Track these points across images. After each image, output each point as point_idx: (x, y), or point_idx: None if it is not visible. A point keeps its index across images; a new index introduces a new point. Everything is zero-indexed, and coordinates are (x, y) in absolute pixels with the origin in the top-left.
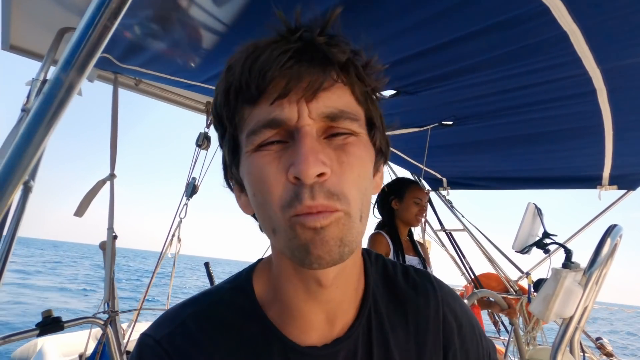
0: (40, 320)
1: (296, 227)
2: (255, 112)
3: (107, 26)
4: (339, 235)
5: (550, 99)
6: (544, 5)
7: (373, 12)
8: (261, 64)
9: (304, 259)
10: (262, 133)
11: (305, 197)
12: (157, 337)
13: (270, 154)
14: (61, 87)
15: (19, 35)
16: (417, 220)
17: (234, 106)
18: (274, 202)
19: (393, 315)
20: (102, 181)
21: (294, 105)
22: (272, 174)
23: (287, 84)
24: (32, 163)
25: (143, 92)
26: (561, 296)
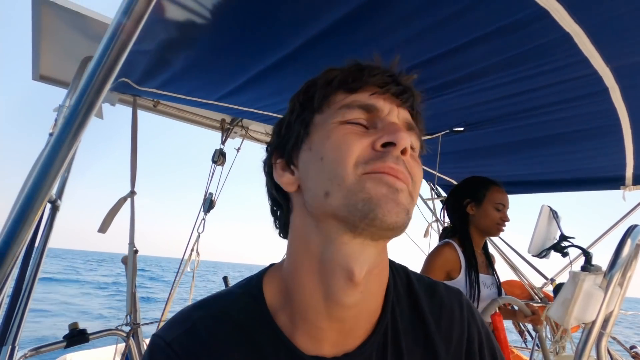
0: (67, 332)
1: (367, 181)
2: (352, 96)
3: (120, 54)
4: (407, 206)
5: (562, 100)
6: (543, 8)
7: (376, 24)
8: (368, 67)
9: (370, 211)
10: (355, 110)
11: (389, 160)
12: (168, 340)
13: (355, 128)
14: (80, 111)
15: (47, 65)
16: (498, 230)
17: (330, 91)
18: (349, 158)
19: (413, 335)
20: (123, 198)
21: (388, 103)
22: (356, 139)
23: (387, 88)
24: (56, 181)
25: (161, 112)
26: (580, 300)
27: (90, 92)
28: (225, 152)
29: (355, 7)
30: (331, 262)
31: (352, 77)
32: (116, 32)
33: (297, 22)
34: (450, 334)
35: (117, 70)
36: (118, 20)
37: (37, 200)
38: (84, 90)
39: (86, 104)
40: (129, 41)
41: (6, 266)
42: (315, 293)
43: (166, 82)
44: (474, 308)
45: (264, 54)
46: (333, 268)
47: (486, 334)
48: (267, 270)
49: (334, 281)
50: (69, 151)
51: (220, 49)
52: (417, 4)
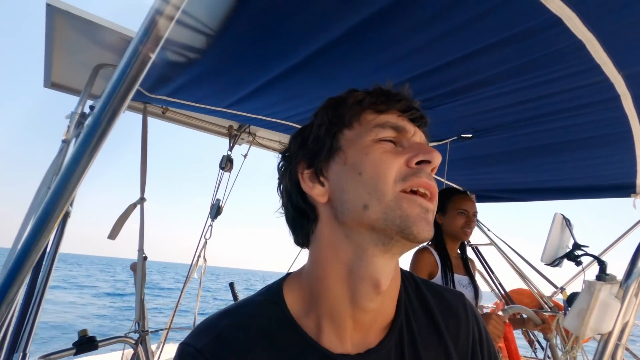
0: (76, 339)
1: (404, 200)
2: (383, 117)
3: (143, 65)
4: (432, 222)
5: (572, 107)
6: (556, 16)
7: (386, 33)
8: (395, 93)
9: (406, 228)
10: (387, 129)
11: (423, 176)
12: (198, 347)
13: (389, 146)
14: (102, 120)
15: (59, 73)
16: (464, 233)
17: (360, 110)
18: (390, 174)
19: (425, 333)
20: (133, 205)
21: (411, 124)
22: (392, 157)
23: (409, 109)
24: (76, 190)
25: (170, 119)
26: (597, 310)
27: (113, 102)
28: (233, 159)
29: (365, 16)
30: (360, 272)
31: (381, 99)
32: (141, 42)
33: (306, 32)
34: (457, 334)
35: (140, 80)
36: (144, 30)
37: (56, 210)
38: (107, 101)
39: (108, 114)
40: (152, 52)
41: (22, 275)
42: (343, 298)
43: (176, 90)
44: (477, 310)
45: (273, 62)
46: (361, 277)
47: (486, 335)
48: (286, 279)
49: (361, 289)
50: (89, 161)
51: (230, 58)
52: (428, 13)
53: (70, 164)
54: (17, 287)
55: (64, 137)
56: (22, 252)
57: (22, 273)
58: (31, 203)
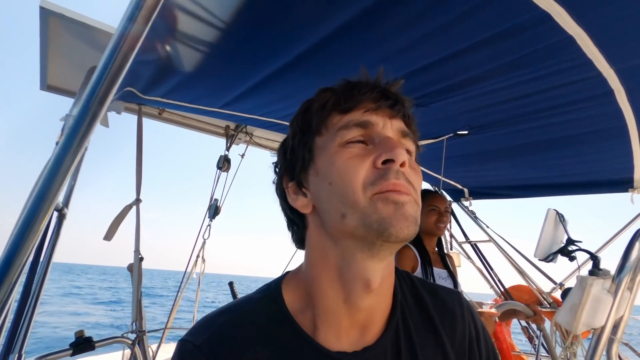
0: (73, 340)
1: (378, 202)
2: (346, 117)
3: (122, 64)
4: (413, 215)
5: (566, 103)
6: (545, 12)
7: (379, 29)
8: (359, 88)
9: (384, 230)
10: (352, 129)
11: (391, 177)
12: (197, 343)
13: (355, 150)
14: (84, 119)
15: (54, 75)
16: (438, 228)
17: (326, 114)
18: (357, 182)
19: (422, 330)
20: (128, 206)
21: (380, 117)
22: (358, 161)
23: (378, 103)
24: (62, 188)
25: (166, 120)
26: (589, 305)
27: (95, 100)
28: (230, 158)
29: (358, 13)
30: (350, 274)
31: (344, 97)
32: (119, 41)
33: (299, 29)
34: (453, 332)
35: (121, 79)
36: (121, 30)
37: (42, 208)
38: (89, 99)
39: (91, 112)
40: (132, 51)
41: (12, 274)
42: (336, 298)
43: (170, 91)
44: (473, 307)
45: (266, 61)
46: (352, 279)
47: (483, 333)
48: (285, 277)
49: (353, 289)
50: (74, 158)
51: (223, 57)
52: (419, 9)
53: (55, 163)
54: (6, 287)
55: (57, 139)
56: (9, 253)
57: (11, 273)
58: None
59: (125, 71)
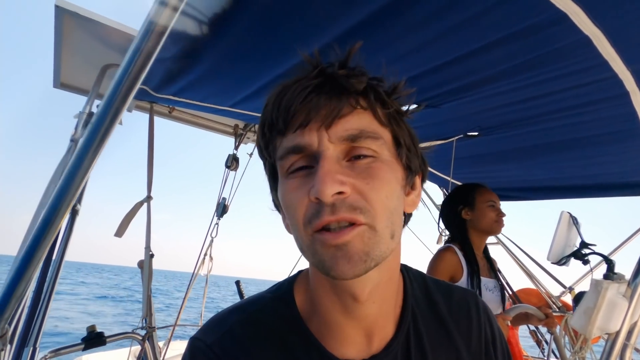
0: (85, 334)
1: (316, 244)
2: (284, 141)
3: (145, 63)
4: (364, 249)
5: (580, 104)
6: (561, 12)
7: (391, 29)
8: (286, 100)
9: (327, 273)
10: (287, 158)
11: (324, 213)
12: (208, 342)
13: (297, 180)
14: (106, 118)
15: (67, 73)
16: (498, 226)
17: (268, 138)
18: (299, 220)
19: (434, 336)
20: (139, 203)
21: (314, 132)
22: (298, 196)
23: (307, 115)
24: (80, 187)
25: (176, 119)
26: (604, 309)
27: (116, 100)
28: (239, 158)
29: (370, 12)
30: (337, 288)
31: (275, 117)
32: (143, 41)
33: (310, 29)
34: (469, 334)
35: (142, 78)
36: (145, 29)
37: (62, 206)
38: (111, 99)
39: (112, 111)
40: (154, 50)
41: (31, 270)
42: (334, 309)
43: (182, 89)
44: (489, 309)
45: (277, 60)
46: (341, 291)
47: (500, 335)
48: (297, 277)
49: (345, 300)
50: (94, 158)
51: (235, 56)
52: (433, 8)
53: (75, 162)
54: (25, 282)
55: (72, 136)
56: (30, 248)
57: (30, 268)
58: (40, 201)
59: (147, 70)
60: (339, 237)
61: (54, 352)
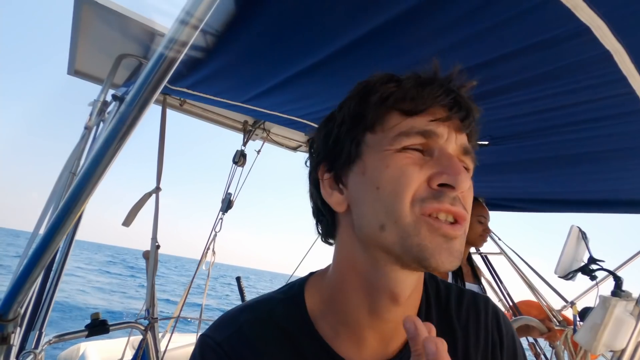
0: (89, 322)
1: (423, 226)
2: (409, 121)
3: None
4: (460, 249)
5: (594, 119)
6: (584, 25)
7: (410, 35)
8: (432, 89)
9: (423, 259)
10: (413, 137)
11: (446, 201)
12: (218, 340)
13: (413, 158)
14: (134, 108)
15: (82, 61)
16: (482, 240)
17: (385, 111)
18: (407, 195)
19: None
20: (148, 194)
21: (447, 128)
22: (415, 172)
23: (450, 111)
24: (105, 174)
25: (187, 112)
26: (610, 326)
27: (145, 91)
28: (246, 154)
29: (390, 17)
30: (377, 284)
31: (411, 96)
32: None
33: (330, 31)
34: (477, 338)
35: (171, 72)
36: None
37: (83, 193)
38: (140, 90)
39: (139, 103)
40: (186, 45)
41: (47, 255)
42: (361, 307)
43: (197, 83)
44: (501, 314)
45: (294, 59)
46: (379, 289)
47: (511, 340)
48: (309, 279)
49: (379, 300)
50: (117, 150)
51: (253, 54)
52: (455, 16)
53: (99, 152)
54: (41, 267)
55: (86, 124)
56: (48, 234)
57: (47, 253)
58: (53, 187)
59: (179, 61)
60: (454, 230)
61: (58, 337)
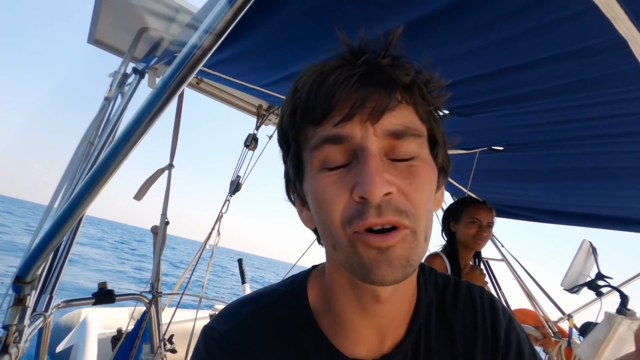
0: (96, 290)
1: (357, 244)
2: (319, 131)
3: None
4: (405, 255)
5: (616, 134)
6: (622, 37)
7: (444, 32)
8: (327, 87)
9: (366, 276)
10: (323, 148)
11: (370, 215)
12: (222, 332)
13: (333, 175)
14: (169, 87)
15: (103, 31)
16: (475, 242)
17: (299, 126)
18: (335, 219)
19: (440, 332)
20: (161, 170)
21: (358, 125)
22: (335, 192)
23: (353, 107)
24: (134, 149)
25: (202, 91)
26: (613, 343)
27: (184, 69)
28: (258, 138)
29: (425, 13)
30: (358, 287)
31: (312, 102)
32: (218, 17)
33: (358, 24)
34: (474, 330)
35: (209, 56)
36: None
37: (114, 163)
38: (178, 67)
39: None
40: (227, 28)
41: (70, 224)
42: (352, 308)
43: (218, 63)
44: (496, 302)
45: (318, 48)
46: (362, 290)
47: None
48: (311, 273)
49: (364, 298)
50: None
51: (277, 40)
52: (491, 17)
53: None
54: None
55: (106, 94)
56: (72, 204)
57: (69, 222)
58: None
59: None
60: (385, 240)
61: (67, 302)
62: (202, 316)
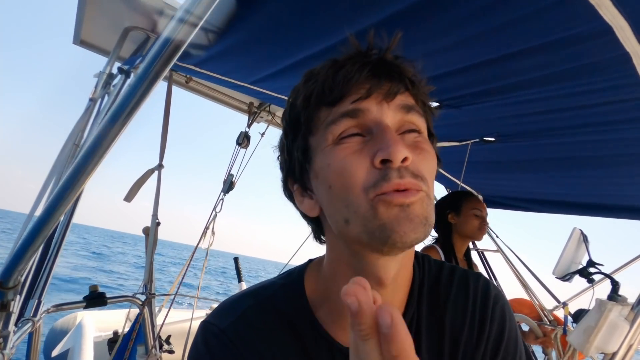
0: (87, 293)
1: (379, 206)
2: (335, 109)
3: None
4: (423, 214)
5: (606, 122)
6: (607, 24)
7: (428, 24)
8: (345, 72)
9: (387, 238)
10: (341, 122)
11: (393, 177)
12: (222, 326)
13: (351, 145)
14: (144, 82)
15: (88, 31)
16: (480, 234)
17: (313, 109)
18: (357, 184)
19: (430, 317)
20: (150, 170)
21: (374, 100)
22: (356, 160)
23: (370, 89)
24: (111, 148)
25: (192, 89)
26: (604, 329)
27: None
28: (250, 136)
29: (407, 6)
30: (362, 272)
31: (329, 87)
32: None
33: (343, 16)
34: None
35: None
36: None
37: (88, 166)
38: (152, 62)
39: (148, 79)
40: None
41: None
42: None
43: (205, 61)
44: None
45: (305, 43)
46: (366, 274)
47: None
48: (308, 266)
49: None
50: (125, 124)
51: (263, 34)
52: (475, 6)
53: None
54: (42, 237)
55: (91, 95)
56: (51, 205)
57: (49, 225)
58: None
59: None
60: (407, 197)
61: (57, 306)
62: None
